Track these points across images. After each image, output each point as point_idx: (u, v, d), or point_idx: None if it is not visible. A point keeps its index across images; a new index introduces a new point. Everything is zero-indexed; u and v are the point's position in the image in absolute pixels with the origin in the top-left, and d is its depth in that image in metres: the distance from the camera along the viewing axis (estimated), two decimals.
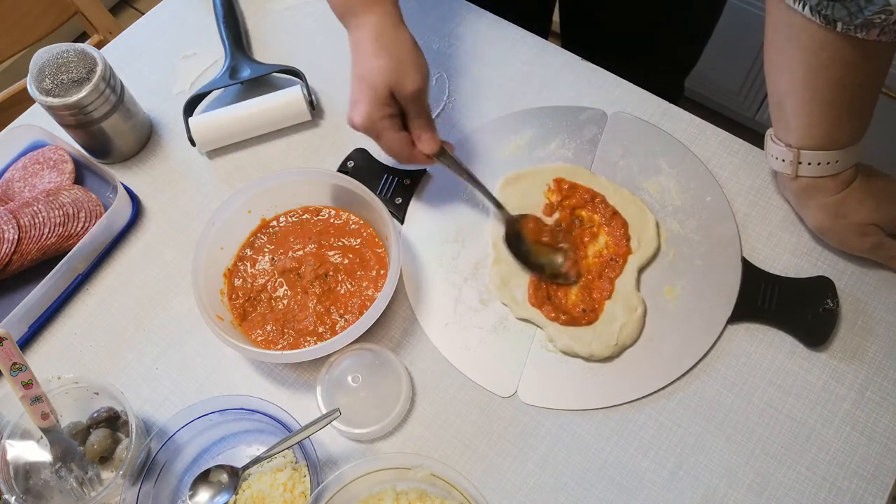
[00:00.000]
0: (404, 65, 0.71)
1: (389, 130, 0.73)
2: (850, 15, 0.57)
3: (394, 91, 0.71)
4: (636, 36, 1.08)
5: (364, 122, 0.72)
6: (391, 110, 0.73)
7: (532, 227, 0.78)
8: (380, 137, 0.74)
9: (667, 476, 0.69)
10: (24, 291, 0.79)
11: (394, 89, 0.71)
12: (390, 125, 0.73)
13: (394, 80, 0.71)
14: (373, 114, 0.72)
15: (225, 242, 0.80)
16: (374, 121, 0.72)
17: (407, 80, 0.71)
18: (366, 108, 0.72)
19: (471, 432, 0.72)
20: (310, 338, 0.76)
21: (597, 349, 0.73)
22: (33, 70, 0.81)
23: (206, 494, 0.68)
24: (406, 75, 0.71)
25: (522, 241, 0.78)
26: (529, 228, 0.78)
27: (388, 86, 0.71)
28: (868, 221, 0.72)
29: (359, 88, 0.72)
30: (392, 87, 0.71)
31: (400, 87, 0.71)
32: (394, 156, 0.76)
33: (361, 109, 0.72)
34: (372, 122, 0.72)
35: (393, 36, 0.72)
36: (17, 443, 0.71)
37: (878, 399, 0.70)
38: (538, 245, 0.78)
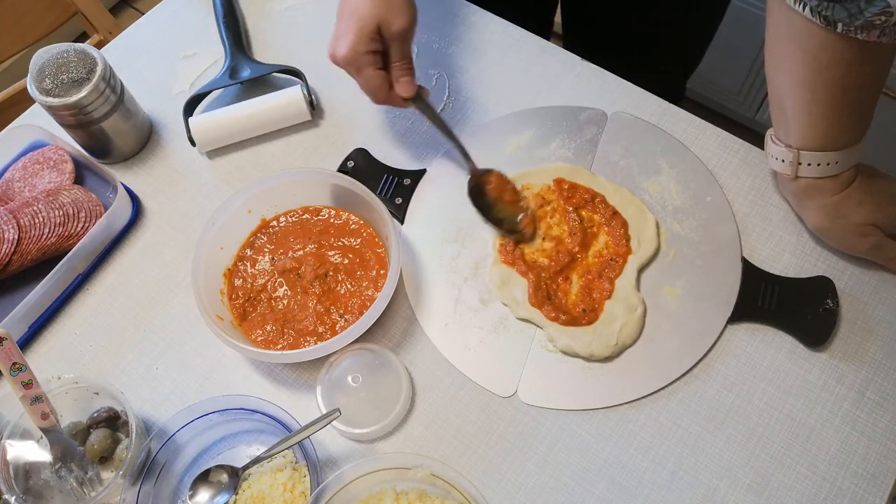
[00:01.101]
0: (394, 3, 0.72)
1: (370, 66, 0.74)
2: (850, 16, 0.57)
3: (381, 27, 0.72)
4: (637, 37, 1.08)
5: (347, 54, 0.73)
6: (375, 46, 0.73)
7: (495, 184, 0.80)
8: (359, 72, 0.75)
9: (667, 476, 0.69)
10: (24, 291, 0.79)
11: (381, 25, 0.72)
12: (372, 61, 0.74)
13: (383, 16, 0.71)
14: (358, 46, 0.72)
15: (225, 242, 0.80)
16: (359, 54, 0.73)
17: (396, 17, 0.72)
18: (351, 40, 0.72)
19: (471, 432, 0.72)
20: (310, 338, 0.76)
21: (597, 349, 0.73)
22: (33, 70, 0.81)
23: (206, 494, 0.68)
24: (396, 13, 0.72)
25: (484, 196, 0.80)
26: (493, 185, 0.80)
27: (377, 20, 0.71)
28: (868, 222, 0.72)
29: (346, 23, 0.73)
30: (380, 23, 0.72)
31: (388, 23, 0.72)
32: (370, 93, 0.77)
33: (346, 41, 0.72)
34: (356, 55, 0.73)
35: None
36: (17, 443, 0.71)
37: (878, 399, 0.70)
38: (500, 202, 0.80)
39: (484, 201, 0.80)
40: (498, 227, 0.79)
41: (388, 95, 0.77)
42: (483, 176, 0.81)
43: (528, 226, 0.79)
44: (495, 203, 0.80)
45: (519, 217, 0.79)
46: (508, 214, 0.79)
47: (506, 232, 0.79)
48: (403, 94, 0.77)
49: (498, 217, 0.79)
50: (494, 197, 0.80)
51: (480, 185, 0.80)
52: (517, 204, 0.80)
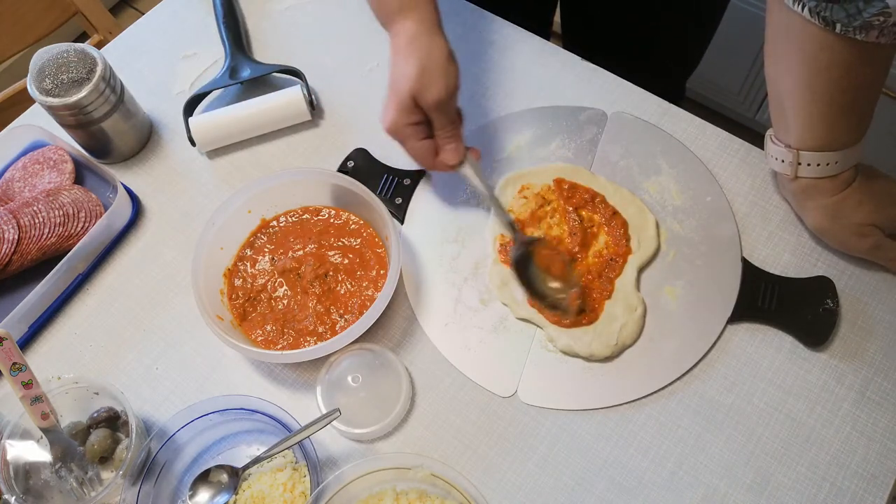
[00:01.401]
0: (430, 73, 0.70)
1: (412, 138, 0.74)
2: (848, 17, 0.57)
3: (416, 99, 0.71)
4: (637, 37, 1.08)
5: (389, 128, 0.73)
6: (416, 118, 0.72)
7: (545, 254, 0.76)
8: (405, 143, 0.75)
9: (667, 476, 0.69)
10: (24, 291, 0.79)
11: (416, 97, 0.71)
12: (413, 133, 0.73)
13: (417, 88, 0.70)
14: (398, 121, 0.72)
15: (225, 242, 0.80)
16: (399, 128, 0.73)
17: (431, 88, 0.70)
18: (391, 115, 0.72)
19: (471, 432, 0.72)
20: (310, 338, 0.76)
21: (597, 349, 0.73)
22: (33, 70, 0.81)
23: (206, 494, 0.68)
24: (430, 84, 0.70)
25: (531, 266, 0.76)
26: (542, 255, 0.76)
27: (412, 93, 0.70)
28: (867, 222, 0.72)
29: (389, 94, 0.73)
30: (415, 95, 0.71)
31: (422, 95, 0.71)
32: (418, 162, 0.77)
33: (388, 115, 0.73)
34: (397, 129, 0.73)
35: (425, 42, 0.72)
36: (17, 443, 0.71)
37: (878, 399, 0.70)
38: (547, 274, 0.75)
39: (530, 270, 0.75)
40: (541, 300, 0.74)
41: (433, 163, 0.76)
42: (532, 245, 0.76)
43: (573, 302, 0.74)
44: (542, 275, 0.75)
45: (563, 295, 0.74)
46: (553, 288, 0.75)
47: (548, 306, 0.74)
48: (449, 162, 0.75)
49: (541, 290, 0.75)
50: (542, 268, 0.75)
51: (529, 253, 0.76)
52: (566, 278, 0.75)
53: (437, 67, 0.71)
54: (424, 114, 0.73)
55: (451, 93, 0.72)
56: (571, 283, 0.75)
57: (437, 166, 0.76)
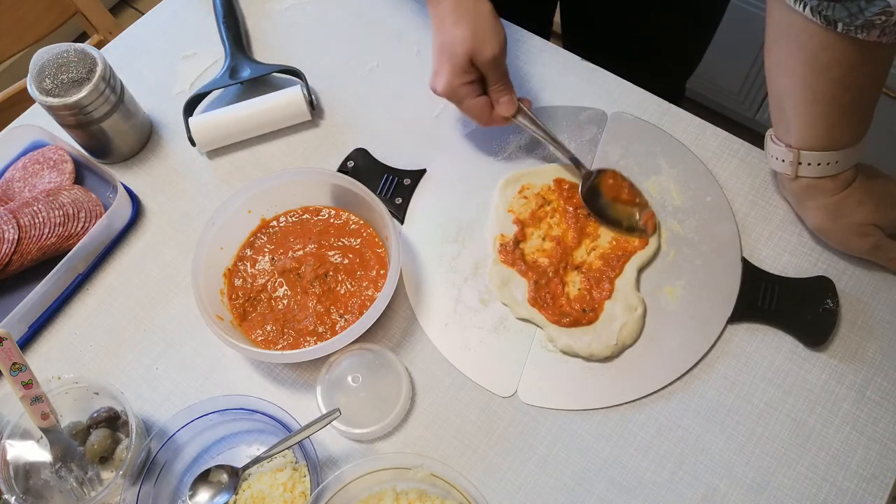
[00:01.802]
0: (482, 32, 0.74)
1: (469, 97, 0.77)
2: (850, 16, 0.57)
3: (473, 58, 0.74)
4: (637, 38, 1.08)
5: (446, 90, 0.76)
6: (471, 77, 0.76)
7: (611, 184, 0.80)
8: (461, 103, 0.78)
9: (667, 476, 0.69)
10: (24, 291, 0.79)
11: (473, 56, 0.74)
12: (470, 91, 0.76)
13: (472, 47, 0.73)
14: (453, 81, 0.75)
15: (225, 242, 0.80)
16: (455, 88, 0.76)
17: (486, 46, 0.74)
18: (447, 77, 0.75)
19: (471, 432, 0.72)
20: (310, 338, 0.76)
21: (597, 349, 0.73)
22: (33, 70, 0.81)
23: (206, 494, 0.68)
24: (485, 42, 0.73)
25: (600, 196, 0.79)
26: (608, 185, 0.80)
27: (468, 53, 0.74)
28: (868, 222, 0.72)
29: (440, 58, 0.76)
30: (471, 55, 0.74)
31: (479, 54, 0.74)
32: (474, 119, 0.80)
33: (443, 78, 0.75)
34: (453, 90, 0.76)
35: (472, 5, 0.74)
36: (17, 443, 0.71)
37: (878, 399, 0.70)
38: (616, 201, 0.79)
39: (600, 202, 0.79)
40: (617, 227, 0.78)
41: (490, 117, 0.79)
42: (598, 177, 0.80)
43: (648, 221, 0.78)
44: (612, 203, 0.79)
45: (637, 216, 0.79)
46: (626, 213, 0.79)
47: (625, 231, 0.78)
48: (505, 114, 0.79)
49: (616, 217, 0.79)
50: (611, 197, 0.79)
51: (595, 186, 0.80)
52: (635, 202, 0.79)
53: (489, 26, 0.74)
54: (477, 72, 0.76)
55: (503, 48, 0.75)
56: (642, 204, 0.79)
57: (494, 120, 0.79)
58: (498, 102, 0.78)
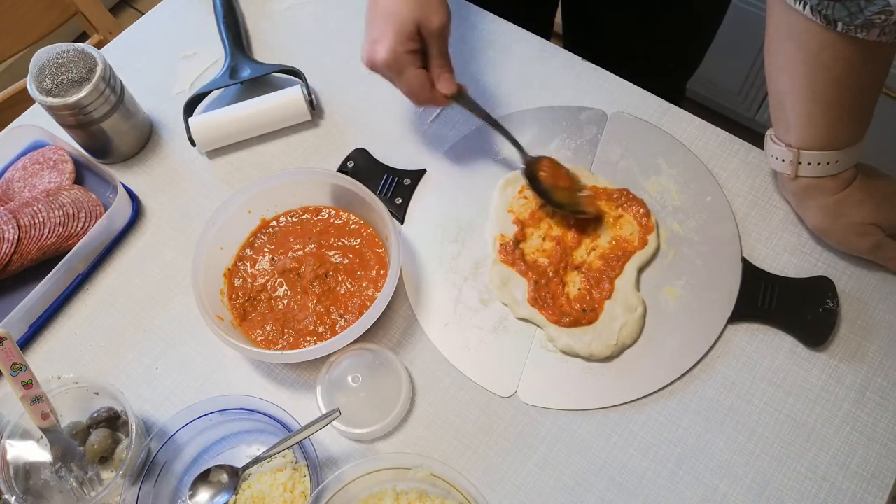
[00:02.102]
0: (431, 1, 0.71)
1: (412, 66, 0.73)
2: (850, 15, 0.57)
3: (420, 26, 0.71)
4: (638, 38, 1.08)
5: (388, 57, 0.72)
6: (415, 45, 0.72)
7: (549, 171, 0.79)
8: (401, 73, 0.73)
9: (667, 476, 0.69)
10: (24, 291, 0.79)
11: (420, 24, 0.71)
12: (413, 61, 0.73)
13: (421, 14, 0.71)
14: (397, 48, 0.71)
15: (225, 242, 0.80)
16: (399, 55, 0.72)
17: (434, 14, 0.71)
18: (390, 43, 0.71)
19: (471, 432, 0.72)
20: (310, 338, 0.76)
21: (597, 349, 0.73)
22: (33, 70, 0.81)
23: (206, 494, 0.68)
24: (433, 10, 0.71)
25: (539, 182, 0.79)
26: (546, 172, 0.79)
27: (416, 20, 0.71)
28: (868, 221, 0.71)
29: (383, 25, 0.72)
30: (419, 22, 0.71)
31: (427, 21, 0.71)
32: (412, 94, 0.76)
33: (386, 44, 0.71)
34: (396, 57, 0.72)
35: None
36: (17, 443, 0.71)
37: (878, 399, 0.70)
38: (556, 188, 0.79)
39: (540, 188, 0.79)
40: (560, 209, 0.79)
41: (430, 94, 0.76)
42: (535, 163, 0.80)
43: (591, 205, 0.79)
44: (552, 189, 0.79)
45: (579, 198, 0.79)
46: (568, 198, 0.79)
47: (571, 213, 0.78)
48: (446, 91, 0.76)
49: (558, 200, 0.79)
50: (550, 184, 0.79)
51: (534, 172, 0.80)
52: (573, 188, 0.79)
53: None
54: (420, 43, 0.73)
55: (450, 20, 0.73)
56: (580, 188, 0.80)
57: (434, 98, 0.76)
58: (439, 78, 0.75)
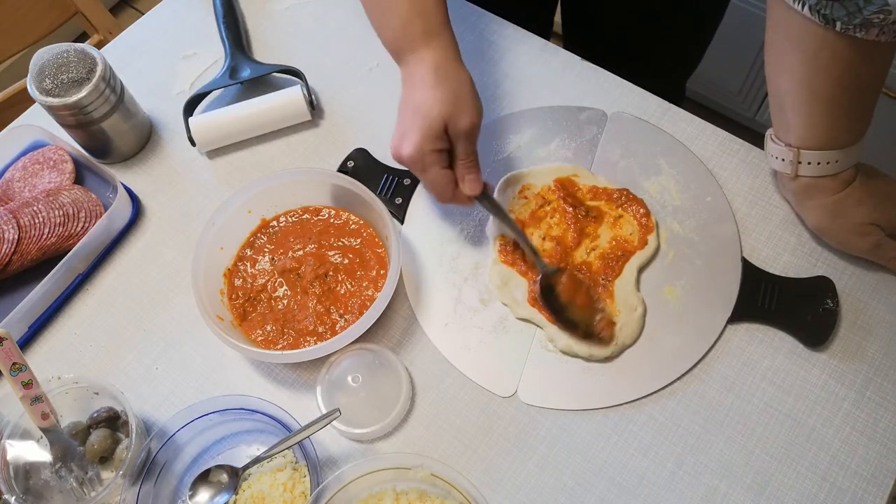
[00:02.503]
0: (462, 100, 0.70)
1: (436, 165, 0.71)
2: (848, 14, 0.57)
3: (448, 125, 0.69)
4: (637, 38, 1.08)
5: (414, 153, 0.70)
6: (442, 144, 0.70)
7: (567, 284, 0.75)
8: (425, 171, 0.72)
9: (667, 476, 0.69)
10: (24, 291, 0.79)
11: (449, 123, 0.69)
12: (438, 160, 0.71)
13: (450, 113, 0.69)
14: (424, 145, 0.69)
15: (225, 242, 0.80)
16: (425, 153, 0.70)
17: (464, 115, 0.69)
18: (418, 139, 0.69)
19: (471, 432, 0.72)
20: (310, 338, 0.76)
21: (597, 349, 0.73)
22: (33, 70, 0.81)
23: (206, 494, 0.68)
24: (463, 110, 0.69)
25: (556, 296, 0.74)
26: (564, 284, 0.74)
27: (444, 118, 0.69)
28: (868, 221, 0.72)
29: (412, 119, 0.70)
30: (447, 121, 0.69)
31: (455, 121, 0.69)
32: (436, 192, 0.74)
33: (413, 139, 0.69)
34: (422, 154, 0.70)
35: (453, 70, 0.71)
36: (17, 443, 0.71)
37: (878, 399, 0.70)
38: (573, 304, 0.74)
39: (555, 302, 0.74)
40: (573, 329, 0.73)
41: (453, 194, 0.73)
42: (554, 276, 0.75)
43: (605, 329, 0.73)
44: (567, 305, 0.74)
45: (596, 319, 0.73)
46: (583, 317, 0.73)
47: (581, 335, 0.73)
48: (470, 192, 0.73)
49: (573, 319, 0.73)
50: (566, 299, 0.74)
51: (552, 285, 0.74)
52: (591, 306, 0.74)
53: (468, 95, 0.70)
54: (448, 142, 0.71)
55: (480, 121, 0.71)
56: (597, 309, 0.74)
57: (457, 198, 0.74)
58: (464, 180, 0.72)
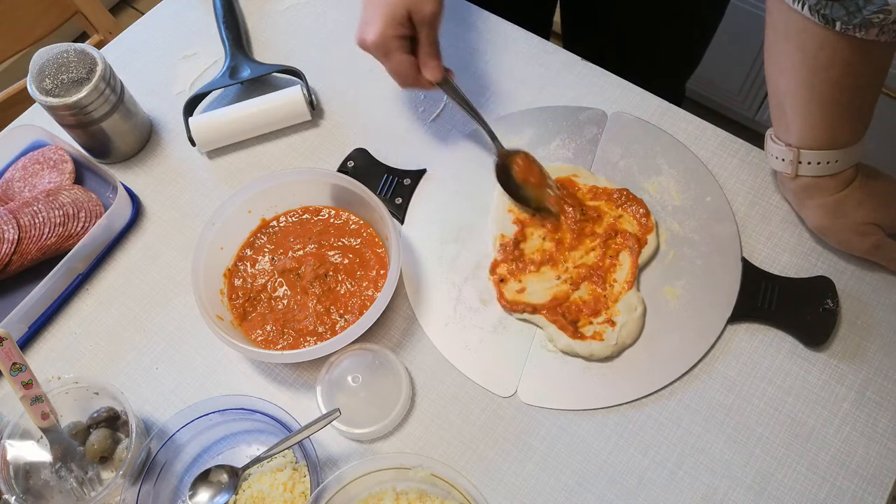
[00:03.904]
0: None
1: (399, 51, 0.75)
2: (848, 14, 0.57)
3: (411, 12, 0.73)
4: (637, 38, 1.08)
5: (376, 40, 0.74)
6: (404, 31, 0.74)
7: (522, 165, 0.81)
8: (388, 56, 0.75)
9: (667, 476, 0.69)
10: (24, 291, 0.79)
11: (411, 10, 0.73)
12: (400, 46, 0.75)
13: (412, 1, 0.72)
14: (387, 31, 0.73)
15: (225, 242, 0.80)
16: (387, 39, 0.74)
17: (426, 3, 0.73)
18: (380, 26, 0.73)
19: (471, 432, 0.72)
20: (310, 338, 0.76)
21: (597, 349, 0.73)
22: (33, 70, 0.81)
23: (206, 494, 0.68)
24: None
25: (511, 176, 0.81)
26: (520, 166, 0.81)
27: (407, 6, 0.72)
28: (868, 221, 0.71)
29: (374, 8, 0.73)
30: (410, 8, 0.72)
31: (418, 8, 0.73)
32: (399, 77, 0.78)
33: (376, 27, 0.73)
34: (385, 40, 0.74)
35: None
36: (17, 443, 0.71)
37: (878, 399, 0.70)
38: (527, 183, 0.80)
39: (511, 182, 0.80)
40: (525, 205, 0.80)
41: (415, 79, 0.78)
42: (510, 157, 0.81)
43: (555, 204, 0.79)
44: (522, 184, 0.80)
45: (547, 195, 0.80)
46: (535, 195, 0.80)
47: (533, 210, 0.79)
48: (431, 78, 0.77)
49: (525, 195, 0.80)
50: (521, 179, 0.80)
51: (507, 165, 0.81)
52: (543, 184, 0.80)
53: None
54: (411, 29, 0.74)
55: (442, 9, 0.75)
56: (551, 187, 0.80)
57: (419, 82, 0.78)
58: (426, 65, 0.77)
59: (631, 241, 0.77)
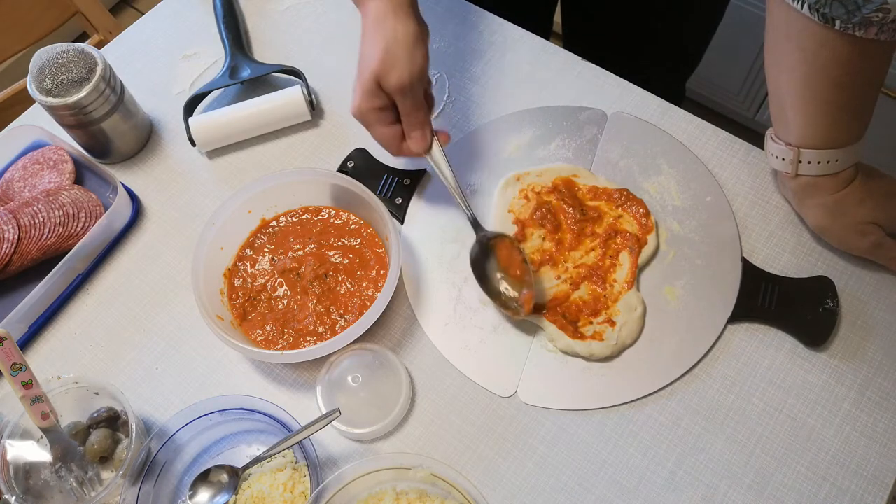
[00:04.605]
0: (393, 56, 0.67)
1: (378, 124, 0.72)
2: (847, 13, 0.57)
3: (380, 82, 0.69)
4: (637, 38, 1.08)
5: (355, 113, 0.72)
6: (380, 102, 0.70)
7: (504, 254, 0.75)
8: (370, 129, 0.73)
9: (667, 476, 0.69)
10: (24, 291, 0.79)
11: (380, 81, 0.68)
12: (378, 118, 0.72)
13: (380, 70, 0.68)
14: (362, 104, 0.70)
15: (225, 242, 0.80)
16: (364, 112, 0.71)
17: (392, 72, 0.67)
18: (357, 99, 0.70)
19: (471, 432, 0.72)
20: (310, 338, 0.76)
21: (597, 349, 0.73)
22: (33, 70, 0.81)
23: (206, 494, 0.68)
24: (392, 67, 0.67)
25: (490, 263, 0.75)
26: (502, 254, 0.75)
27: (375, 77, 0.68)
28: (868, 220, 0.72)
29: (357, 78, 0.71)
30: (378, 79, 0.68)
31: (385, 79, 0.68)
32: (385, 148, 0.75)
33: (355, 100, 0.71)
34: (361, 114, 0.71)
35: (391, 23, 0.68)
36: (17, 443, 0.71)
37: (878, 399, 0.70)
38: (506, 272, 0.74)
39: (487, 268, 0.75)
40: (495, 297, 0.74)
41: (400, 149, 0.74)
42: (493, 240, 0.75)
43: (526, 303, 0.72)
44: (499, 272, 0.74)
45: (516, 294, 0.73)
46: (508, 287, 0.74)
47: (499, 304, 0.74)
48: (414, 149, 0.74)
49: (496, 289, 0.74)
50: (501, 266, 0.75)
51: (489, 248, 0.75)
52: (522, 278, 0.73)
53: (401, 50, 0.67)
54: (391, 98, 0.70)
55: (415, 77, 0.69)
56: (527, 284, 0.73)
57: (404, 152, 0.75)
58: (409, 136, 0.73)
59: (631, 241, 0.77)
